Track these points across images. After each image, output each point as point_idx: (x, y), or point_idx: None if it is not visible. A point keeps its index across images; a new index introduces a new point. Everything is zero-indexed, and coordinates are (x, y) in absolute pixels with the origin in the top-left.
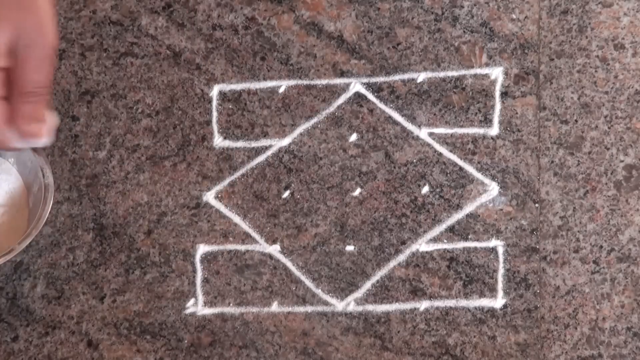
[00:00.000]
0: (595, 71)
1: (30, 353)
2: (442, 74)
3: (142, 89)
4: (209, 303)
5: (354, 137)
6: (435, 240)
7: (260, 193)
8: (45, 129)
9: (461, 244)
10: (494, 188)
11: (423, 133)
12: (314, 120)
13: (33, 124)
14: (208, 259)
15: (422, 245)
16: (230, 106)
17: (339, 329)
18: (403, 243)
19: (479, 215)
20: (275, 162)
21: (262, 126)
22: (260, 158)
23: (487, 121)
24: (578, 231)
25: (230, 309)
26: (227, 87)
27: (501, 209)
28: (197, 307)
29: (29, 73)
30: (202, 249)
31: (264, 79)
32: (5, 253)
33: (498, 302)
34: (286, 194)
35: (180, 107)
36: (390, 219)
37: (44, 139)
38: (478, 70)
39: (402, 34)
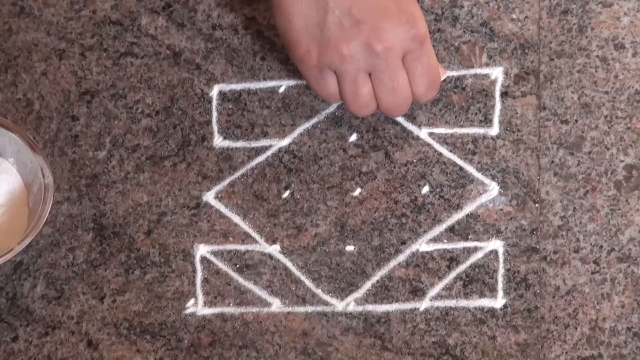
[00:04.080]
0: (596, 71)
1: (30, 353)
2: None
3: (142, 89)
4: (208, 303)
5: (354, 137)
6: (435, 240)
7: (260, 193)
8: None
9: (461, 244)
10: (494, 188)
11: (423, 133)
12: (314, 120)
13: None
14: (208, 259)
15: (422, 245)
16: (230, 106)
17: (339, 329)
18: (403, 243)
19: (479, 215)
20: (275, 162)
21: (262, 126)
22: (260, 158)
23: (487, 121)
24: (578, 231)
25: (230, 309)
26: (227, 87)
27: (501, 209)
28: (197, 307)
29: (417, 85)
30: (202, 249)
31: (264, 79)
32: (5, 253)
33: (498, 302)
34: (286, 194)
35: (180, 107)
36: (390, 219)
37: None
38: (478, 70)
39: None
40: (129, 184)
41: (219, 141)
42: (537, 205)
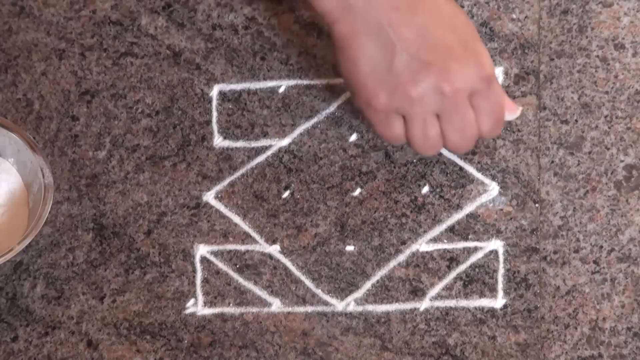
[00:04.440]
0: (596, 71)
1: (30, 353)
2: None
3: (142, 89)
4: (208, 303)
5: (354, 137)
6: (435, 240)
7: (260, 193)
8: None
9: (461, 244)
10: (494, 188)
11: None
12: (314, 120)
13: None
14: (208, 259)
15: (422, 245)
16: (230, 106)
17: (339, 329)
18: (403, 243)
19: (479, 215)
20: (275, 162)
21: (262, 126)
22: (260, 158)
23: None
24: (578, 231)
25: (230, 309)
26: (227, 87)
27: (501, 209)
28: (197, 307)
29: (484, 123)
30: (202, 249)
31: (264, 79)
32: (5, 253)
33: (498, 302)
34: (286, 194)
35: (180, 107)
36: (390, 219)
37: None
38: None
39: None
40: (129, 184)
41: (219, 141)
42: (537, 205)
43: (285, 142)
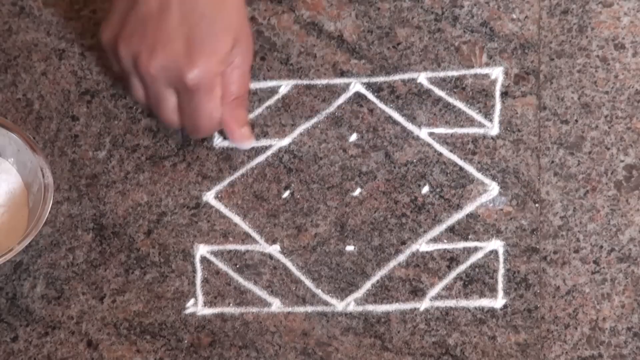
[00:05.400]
0: (596, 71)
1: (30, 353)
2: (442, 74)
3: None
4: (208, 303)
5: (354, 137)
6: (435, 240)
7: (260, 193)
8: (250, 132)
9: (461, 244)
10: (494, 188)
11: (423, 133)
12: (314, 120)
13: (245, 128)
14: (208, 259)
15: (422, 245)
16: None
17: (339, 329)
18: (403, 243)
19: (479, 215)
20: (275, 162)
21: (262, 126)
22: (260, 158)
23: (487, 121)
24: (578, 231)
25: (230, 309)
26: None
27: (501, 209)
28: (197, 307)
29: (238, 79)
30: (202, 249)
31: (264, 79)
32: (5, 253)
33: (498, 302)
34: (286, 194)
35: None
36: (390, 219)
37: (252, 140)
38: (478, 70)
39: (402, 33)
40: (129, 184)
41: (219, 141)
42: (537, 205)
43: (285, 142)
